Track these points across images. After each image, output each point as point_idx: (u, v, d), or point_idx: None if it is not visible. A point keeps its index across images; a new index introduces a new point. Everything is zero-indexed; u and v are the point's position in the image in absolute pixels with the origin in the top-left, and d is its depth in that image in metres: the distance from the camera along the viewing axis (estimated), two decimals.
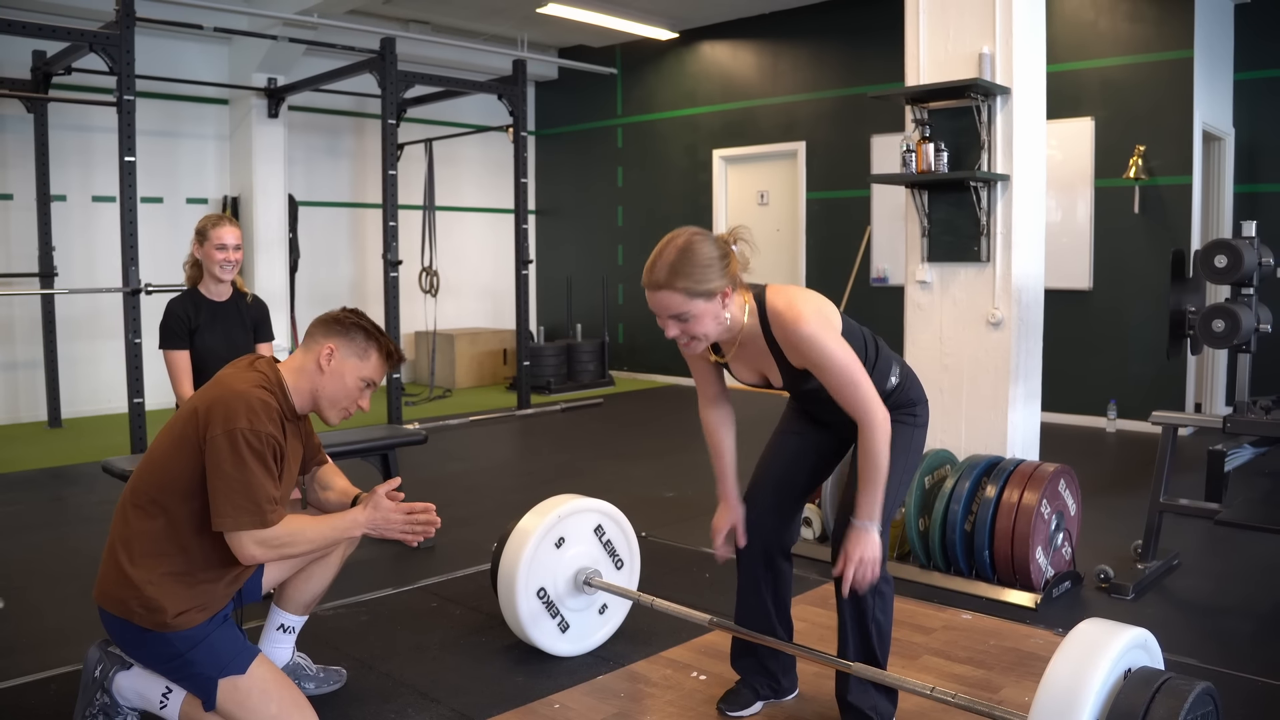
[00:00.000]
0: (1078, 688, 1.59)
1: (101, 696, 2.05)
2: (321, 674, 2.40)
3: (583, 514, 2.66)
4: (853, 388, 1.92)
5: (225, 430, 1.89)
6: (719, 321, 1.92)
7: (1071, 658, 1.64)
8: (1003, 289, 3.54)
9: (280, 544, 1.95)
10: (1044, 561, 3.03)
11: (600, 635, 2.70)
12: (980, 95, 3.51)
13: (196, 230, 3.19)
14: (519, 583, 2.50)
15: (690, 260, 1.85)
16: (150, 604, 1.90)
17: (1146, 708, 1.57)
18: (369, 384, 2.10)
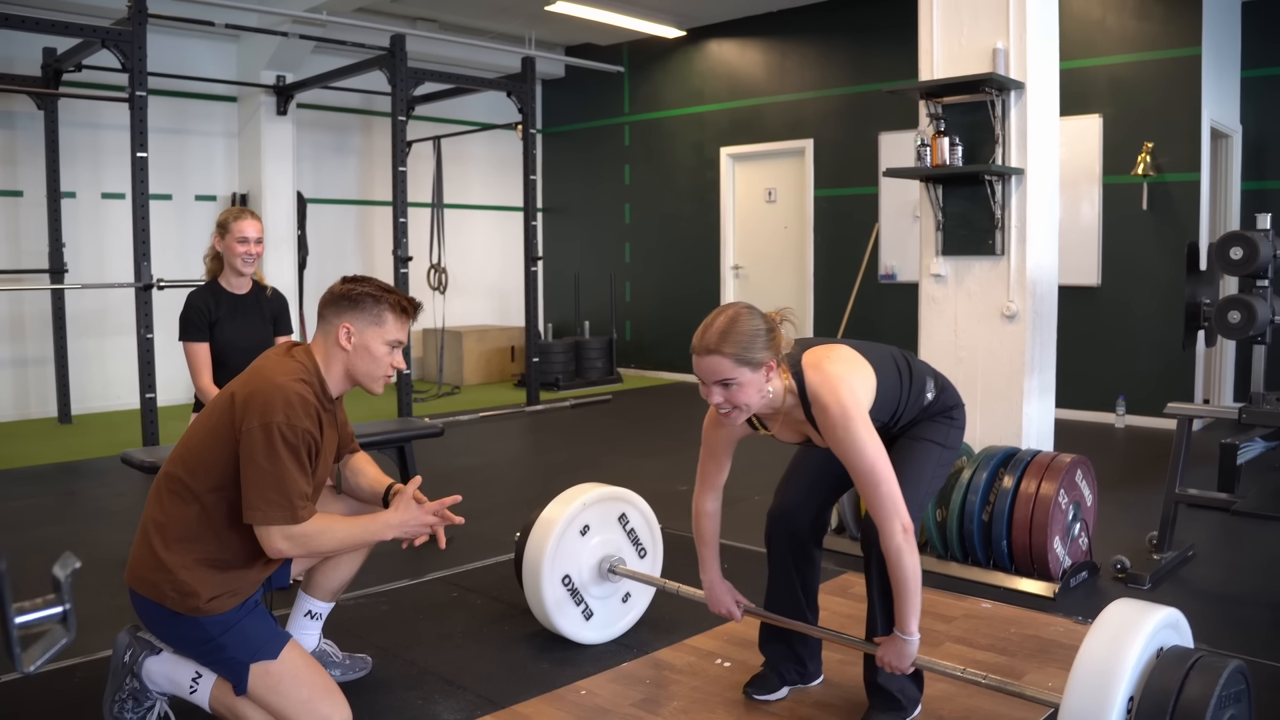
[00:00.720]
0: (1112, 666, 1.61)
1: (131, 681, 2.06)
2: (348, 661, 2.42)
3: (607, 502, 2.68)
4: (875, 488, 1.93)
5: (261, 423, 1.90)
6: (761, 394, 1.94)
7: (1105, 636, 1.66)
8: (1017, 282, 3.56)
9: (308, 541, 1.95)
10: (1061, 551, 3.05)
11: (624, 623, 2.71)
12: (995, 90, 3.53)
13: (218, 223, 3.20)
14: (544, 570, 2.52)
15: (739, 329, 1.90)
16: (183, 588, 1.92)
17: (1181, 685, 1.58)
18: (394, 345, 2.09)
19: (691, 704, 2.28)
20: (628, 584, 2.72)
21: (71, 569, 0.77)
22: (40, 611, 0.77)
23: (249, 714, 1.95)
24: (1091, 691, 1.60)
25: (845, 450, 1.94)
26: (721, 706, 2.26)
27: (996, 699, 2.27)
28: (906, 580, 1.93)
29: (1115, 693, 1.58)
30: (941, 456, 2.16)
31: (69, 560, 0.78)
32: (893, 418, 2.11)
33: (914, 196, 6.73)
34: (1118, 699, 1.59)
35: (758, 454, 2.33)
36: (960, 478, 3.15)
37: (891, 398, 2.07)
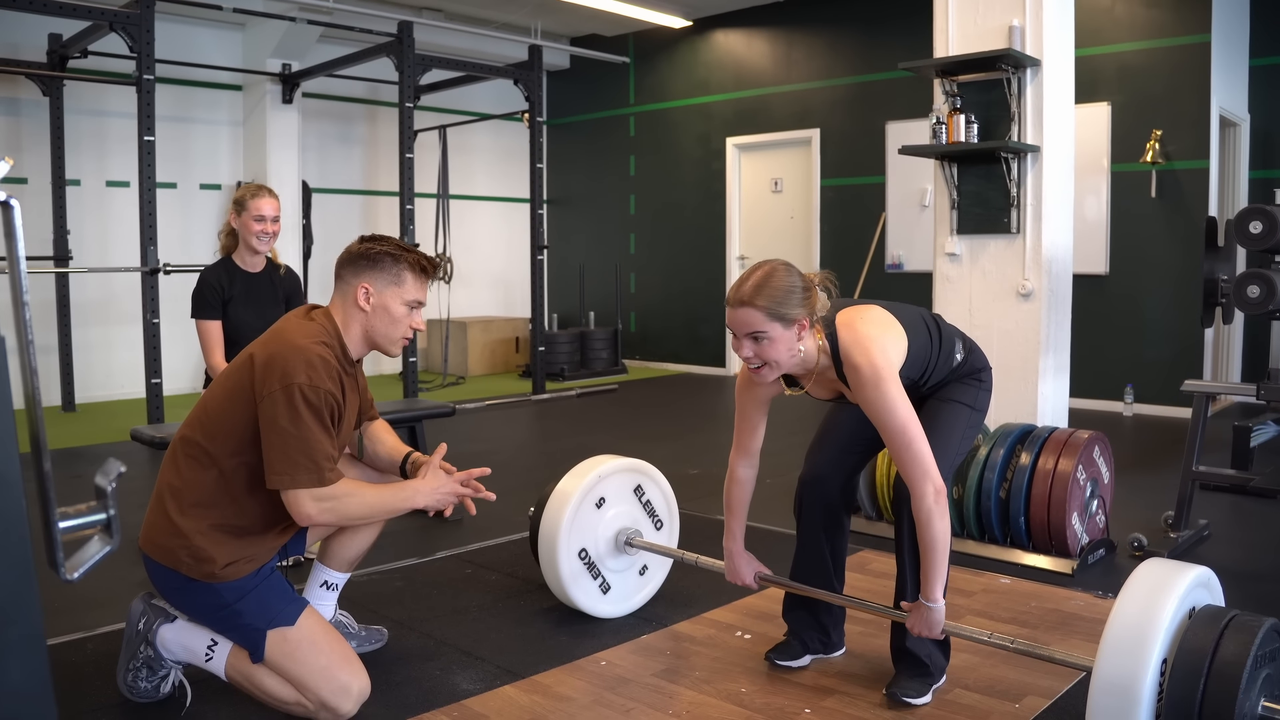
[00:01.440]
0: (1146, 625, 1.58)
1: (145, 649, 2.03)
2: (364, 633, 2.40)
3: (622, 474, 2.66)
4: (905, 449, 1.91)
5: (283, 386, 1.86)
6: (791, 353, 1.93)
7: (1138, 595, 1.64)
8: (1033, 260, 3.54)
9: (337, 505, 1.92)
10: (1079, 528, 3.03)
11: (641, 596, 2.69)
12: (1011, 67, 3.51)
13: (235, 200, 3.15)
14: (560, 544, 2.49)
15: (774, 284, 1.90)
16: (199, 554, 1.89)
17: (1216, 644, 1.56)
18: (414, 305, 2.06)
19: (713, 674, 2.26)
20: (645, 557, 2.70)
21: (116, 474, 0.75)
22: (83, 518, 0.74)
23: (266, 682, 1.93)
24: (1126, 651, 1.57)
25: (876, 410, 1.93)
26: (743, 676, 2.24)
27: (1021, 668, 2.25)
28: (936, 544, 1.91)
29: (1150, 652, 1.56)
30: (971, 418, 2.14)
31: (112, 466, 0.76)
32: (923, 376, 2.10)
33: (921, 185, 6.72)
34: (1152, 658, 1.57)
35: (771, 439, 2.31)
36: (977, 455, 3.13)
37: (921, 357, 2.05)
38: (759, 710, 2.07)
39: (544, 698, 2.14)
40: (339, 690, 1.91)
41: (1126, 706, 1.55)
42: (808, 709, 2.07)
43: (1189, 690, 1.54)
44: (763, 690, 2.17)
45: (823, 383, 2.07)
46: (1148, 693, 1.55)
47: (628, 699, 2.13)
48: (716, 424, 6.05)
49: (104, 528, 0.76)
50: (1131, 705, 1.55)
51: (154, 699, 2.05)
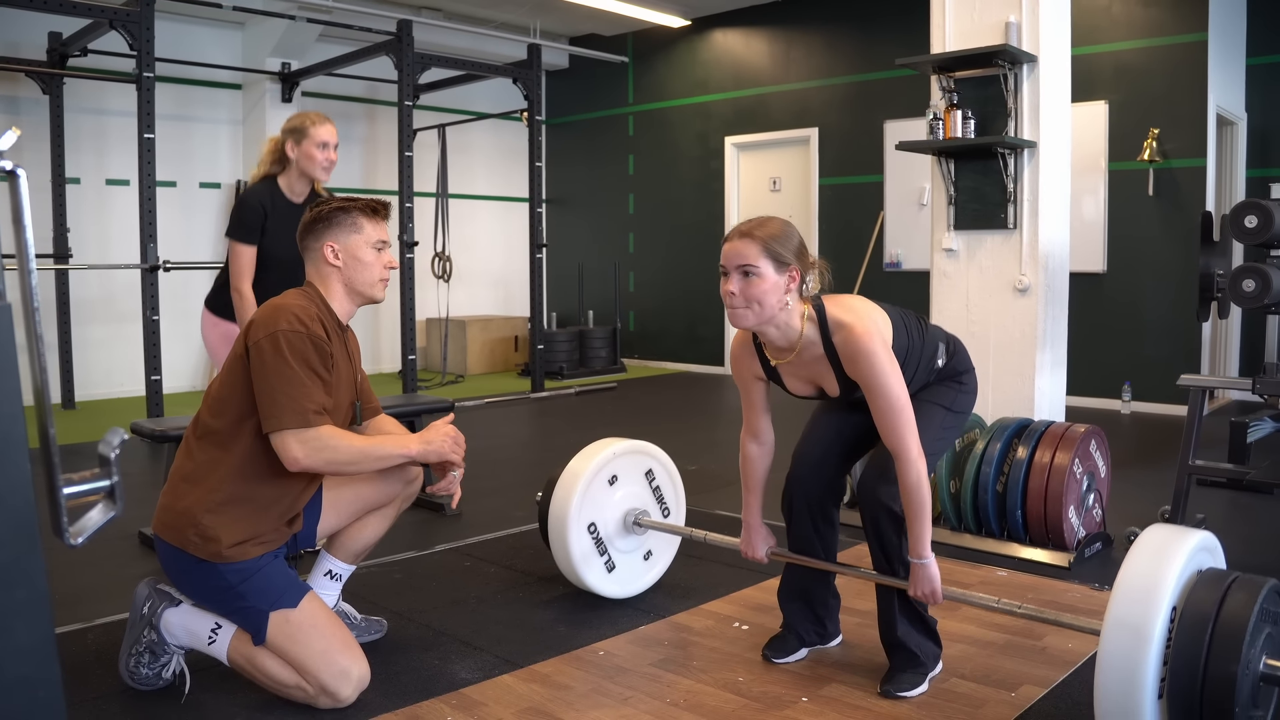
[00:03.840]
0: (1158, 572, 1.60)
1: (149, 634, 2.05)
2: (364, 623, 2.40)
3: (635, 455, 2.68)
4: (895, 416, 1.94)
5: (267, 334, 1.93)
6: (779, 300, 1.93)
7: (1146, 554, 1.65)
8: (1030, 256, 3.55)
9: (323, 446, 1.92)
10: (1076, 521, 3.04)
11: (645, 581, 2.71)
12: (1007, 63, 3.52)
13: (289, 129, 2.96)
14: (571, 516, 2.50)
15: (774, 226, 1.96)
16: (205, 532, 1.91)
17: (1222, 599, 1.58)
18: (379, 245, 2.13)
19: (710, 664, 2.27)
20: (651, 542, 2.71)
21: (119, 441, 0.76)
22: (88, 484, 0.76)
23: (267, 665, 1.94)
24: (1133, 611, 1.58)
25: (867, 376, 1.94)
26: (741, 666, 2.25)
27: (1017, 658, 2.26)
28: (923, 505, 1.95)
29: (1159, 605, 1.57)
30: (946, 419, 2.15)
31: (115, 435, 0.77)
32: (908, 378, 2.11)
33: (919, 184, 6.73)
34: (1164, 603, 1.58)
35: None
36: (974, 449, 3.14)
37: (900, 356, 2.06)
38: (756, 699, 2.08)
39: (542, 686, 2.15)
40: (339, 674, 1.92)
41: (1138, 645, 1.56)
42: (805, 698, 2.08)
43: (1196, 636, 1.57)
44: (760, 679, 2.18)
45: (802, 365, 2.06)
46: (1158, 634, 1.57)
47: (626, 688, 2.14)
48: (715, 421, 6.06)
49: (108, 494, 0.77)
50: (1143, 644, 1.56)
51: (154, 686, 2.06)
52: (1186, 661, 1.57)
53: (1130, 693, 1.57)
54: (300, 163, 2.97)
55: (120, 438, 0.77)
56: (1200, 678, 1.56)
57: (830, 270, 2.05)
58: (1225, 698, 1.54)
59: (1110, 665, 1.59)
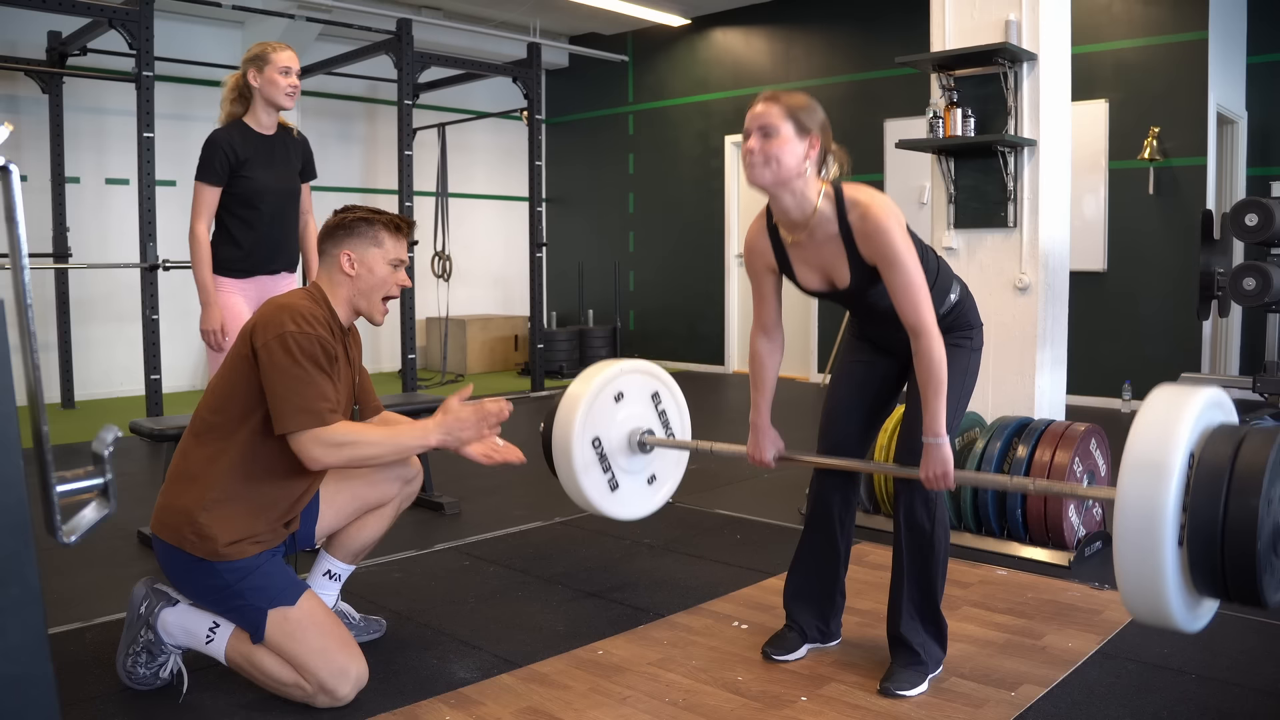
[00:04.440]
0: (1166, 438, 1.56)
1: (146, 633, 2.04)
2: (363, 623, 2.40)
3: (643, 375, 2.65)
4: (910, 290, 1.94)
5: (276, 335, 1.92)
6: (797, 164, 1.93)
7: (1158, 409, 1.61)
8: (1030, 254, 3.54)
9: (343, 443, 1.91)
10: (1076, 520, 3.03)
11: (646, 506, 2.68)
12: (1008, 61, 3.51)
13: (249, 58, 2.92)
14: (576, 428, 2.46)
15: (800, 97, 1.98)
16: (203, 531, 1.91)
17: (1235, 450, 1.54)
18: (396, 263, 2.12)
19: (710, 663, 2.26)
20: (655, 466, 2.68)
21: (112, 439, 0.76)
22: (81, 482, 0.75)
23: (266, 663, 1.94)
24: (1149, 457, 1.55)
25: (884, 249, 1.93)
26: (740, 665, 2.24)
27: (1017, 658, 2.26)
28: (940, 382, 1.94)
29: (1180, 434, 1.54)
30: (963, 386, 2.13)
31: (108, 432, 0.77)
32: None
33: (920, 183, 6.72)
34: (1182, 440, 1.55)
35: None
36: (974, 448, 3.13)
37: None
38: (755, 698, 2.08)
39: (541, 686, 2.14)
40: (337, 672, 1.92)
41: (1158, 480, 1.53)
42: (804, 697, 2.08)
43: (1215, 480, 1.53)
44: (760, 679, 2.17)
45: (815, 247, 2.03)
46: (1177, 473, 1.53)
47: (625, 687, 2.13)
48: (715, 420, 6.05)
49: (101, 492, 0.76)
50: (1163, 478, 1.53)
51: (152, 686, 2.06)
52: (1209, 493, 1.52)
53: (1151, 534, 1.51)
54: (264, 90, 2.92)
55: (114, 435, 0.77)
56: (1221, 520, 1.50)
57: (850, 163, 2.06)
58: (1247, 540, 1.49)
59: (1129, 507, 1.54)
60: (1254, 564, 1.49)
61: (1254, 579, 1.49)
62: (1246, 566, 1.49)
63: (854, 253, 2.00)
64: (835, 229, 1.99)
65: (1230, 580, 1.51)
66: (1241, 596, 1.53)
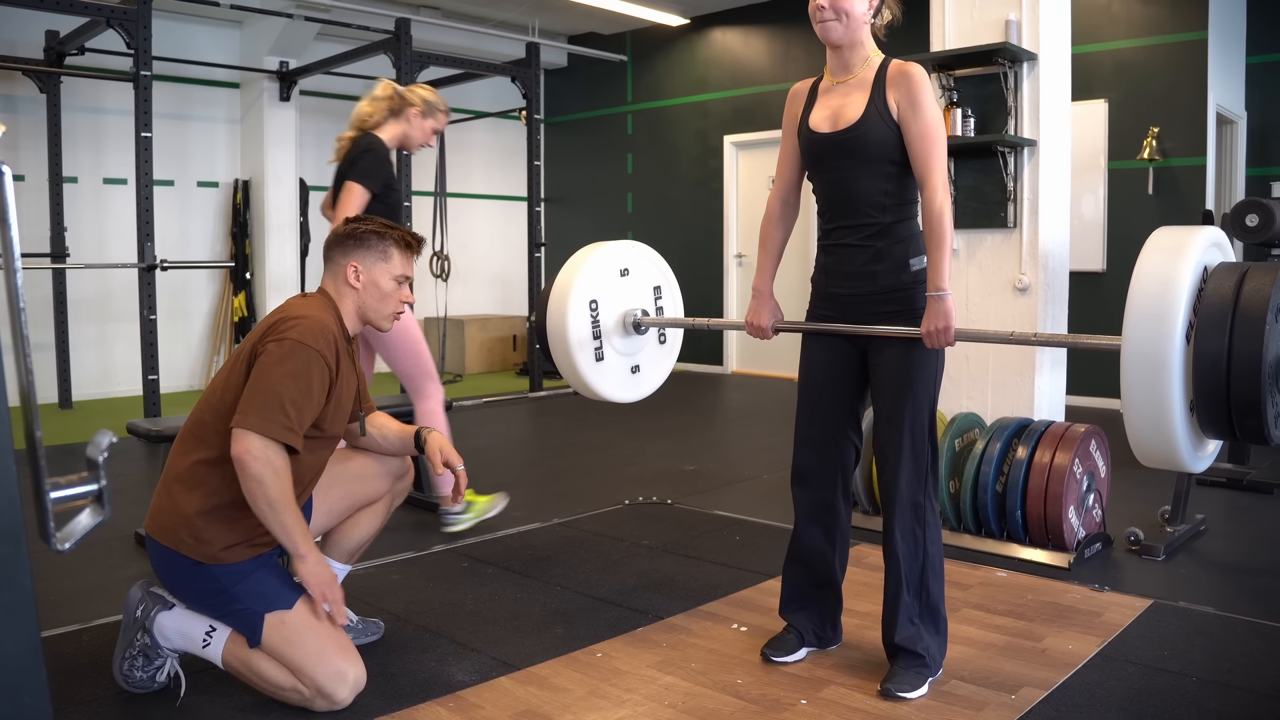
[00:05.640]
0: (1169, 280, 1.58)
1: (142, 637, 2.03)
2: (360, 625, 2.39)
3: (651, 264, 2.69)
4: (928, 138, 2.01)
5: (276, 339, 1.92)
6: (863, 15, 2.05)
7: (1159, 251, 1.64)
8: (1029, 255, 3.54)
9: (263, 472, 1.81)
10: (1076, 522, 3.03)
11: (622, 392, 2.68)
12: (1008, 61, 3.51)
13: (427, 100, 3.28)
14: (576, 283, 2.47)
15: None
16: (199, 534, 1.90)
17: (1238, 287, 1.56)
18: (402, 279, 2.12)
19: (709, 666, 2.25)
20: (642, 355, 2.70)
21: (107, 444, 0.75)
22: (75, 488, 0.74)
23: (263, 667, 1.93)
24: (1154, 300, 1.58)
25: (913, 93, 2.01)
26: (739, 668, 2.24)
27: (1017, 660, 2.25)
28: (945, 235, 1.98)
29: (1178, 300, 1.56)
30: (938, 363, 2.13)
31: (103, 438, 0.76)
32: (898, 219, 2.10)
33: None
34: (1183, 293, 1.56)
35: (762, 436, 2.31)
36: (974, 449, 3.13)
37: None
38: (755, 701, 2.07)
39: (540, 689, 2.13)
40: (335, 676, 1.91)
41: (1162, 322, 1.56)
42: (804, 700, 2.07)
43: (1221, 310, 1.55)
44: (759, 682, 2.16)
45: (846, 91, 2.10)
46: (1182, 309, 1.55)
47: (623, 690, 2.12)
48: (714, 421, 6.05)
49: (95, 499, 0.75)
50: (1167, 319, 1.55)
51: (149, 689, 2.05)
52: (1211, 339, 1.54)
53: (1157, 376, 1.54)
54: (413, 132, 3.29)
55: (109, 440, 0.76)
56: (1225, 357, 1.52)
57: (901, 10, 2.16)
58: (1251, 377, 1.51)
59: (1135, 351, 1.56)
60: (1259, 396, 1.50)
61: (1259, 411, 1.51)
62: (1252, 399, 1.50)
63: (878, 95, 2.06)
64: (872, 76, 2.08)
65: (1236, 414, 1.52)
66: (1246, 432, 1.54)
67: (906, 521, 2.08)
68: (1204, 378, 1.52)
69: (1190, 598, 2.66)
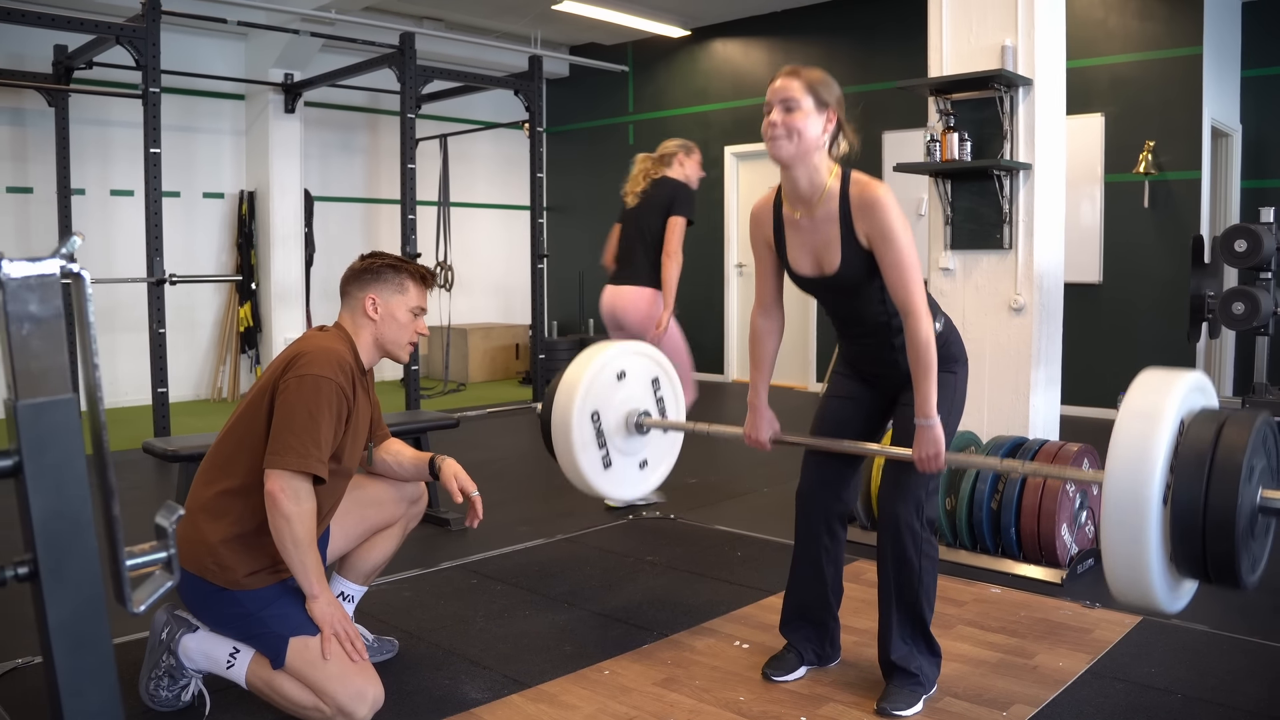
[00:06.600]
0: (1150, 429, 1.62)
1: (168, 659, 2.11)
2: (376, 644, 2.47)
3: (646, 359, 2.71)
4: (903, 267, 2.01)
5: (296, 375, 1.99)
6: (817, 139, 2.05)
7: (1143, 395, 1.67)
8: (1024, 276, 3.62)
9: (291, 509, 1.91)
10: (1069, 538, 3.11)
11: (636, 490, 2.73)
12: (1003, 86, 3.59)
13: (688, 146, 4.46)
14: (577, 400, 2.50)
15: (817, 72, 2.10)
16: (223, 561, 1.98)
17: (1217, 436, 1.60)
18: (418, 311, 2.21)
19: (712, 683, 2.33)
20: (648, 451, 2.73)
21: (176, 516, 0.83)
22: (147, 556, 0.82)
23: (286, 687, 2.00)
24: (1135, 445, 1.60)
25: (880, 224, 2.00)
26: (742, 685, 2.32)
27: (1009, 677, 2.33)
28: (930, 364, 2.01)
29: (1158, 449, 1.59)
30: (947, 423, 2.19)
31: (172, 509, 0.84)
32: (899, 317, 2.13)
33: (918, 195, 6.79)
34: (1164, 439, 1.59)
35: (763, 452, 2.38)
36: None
37: None
38: (756, 717, 2.15)
39: (550, 706, 2.21)
40: (355, 695, 1.99)
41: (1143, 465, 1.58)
42: (803, 716, 2.15)
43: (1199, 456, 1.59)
44: (760, 699, 2.24)
45: (814, 226, 2.09)
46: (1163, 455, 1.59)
47: (630, 707, 2.20)
48: None
49: (165, 565, 0.83)
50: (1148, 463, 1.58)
51: (174, 708, 2.13)
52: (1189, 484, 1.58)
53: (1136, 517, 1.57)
54: (689, 168, 4.33)
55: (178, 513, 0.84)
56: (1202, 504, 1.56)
57: (859, 140, 2.15)
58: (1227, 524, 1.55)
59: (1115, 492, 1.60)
60: (1233, 547, 1.56)
61: (1233, 561, 1.57)
62: (1226, 550, 1.56)
63: (849, 234, 2.06)
64: (836, 207, 2.07)
65: (1210, 563, 1.58)
66: (1220, 578, 1.60)
67: (902, 545, 2.16)
68: (1180, 529, 1.58)
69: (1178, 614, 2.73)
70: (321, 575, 2.02)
